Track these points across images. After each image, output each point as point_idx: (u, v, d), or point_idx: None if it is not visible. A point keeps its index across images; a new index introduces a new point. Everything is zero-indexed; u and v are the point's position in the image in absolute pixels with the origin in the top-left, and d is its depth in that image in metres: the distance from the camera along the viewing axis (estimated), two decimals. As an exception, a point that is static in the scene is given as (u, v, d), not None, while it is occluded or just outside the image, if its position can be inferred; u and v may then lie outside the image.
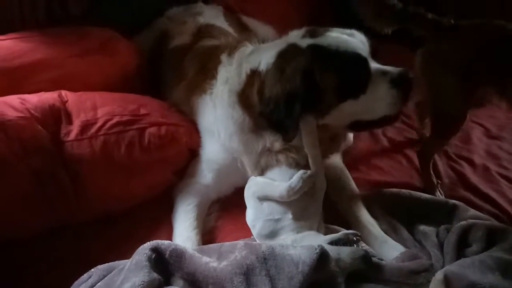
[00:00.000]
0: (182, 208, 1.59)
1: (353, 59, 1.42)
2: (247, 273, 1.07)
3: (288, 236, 1.32)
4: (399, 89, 1.43)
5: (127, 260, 1.18)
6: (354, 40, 1.45)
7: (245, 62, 1.58)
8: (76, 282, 1.23)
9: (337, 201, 1.67)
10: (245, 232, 1.48)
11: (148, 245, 1.15)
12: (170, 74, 1.97)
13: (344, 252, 1.21)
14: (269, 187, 1.43)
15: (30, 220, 1.44)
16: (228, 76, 1.60)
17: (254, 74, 1.52)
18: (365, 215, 1.58)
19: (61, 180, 1.46)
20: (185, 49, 1.96)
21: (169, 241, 1.18)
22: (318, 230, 1.43)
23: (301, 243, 1.23)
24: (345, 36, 1.45)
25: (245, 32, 2.24)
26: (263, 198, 1.42)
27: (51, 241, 1.48)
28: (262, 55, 1.54)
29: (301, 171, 1.38)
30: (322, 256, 1.15)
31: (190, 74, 1.81)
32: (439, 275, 1.25)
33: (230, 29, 2.16)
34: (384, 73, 1.44)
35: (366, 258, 1.21)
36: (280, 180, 1.44)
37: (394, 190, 1.71)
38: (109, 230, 1.56)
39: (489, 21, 1.62)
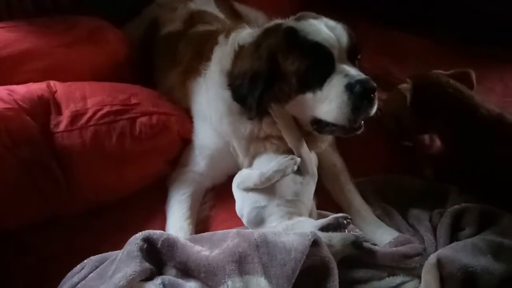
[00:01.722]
0: (175, 198, 1.58)
1: (317, 50, 1.35)
2: (240, 261, 1.06)
3: (279, 223, 1.32)
4: (351, 96, 1.32)
5: (119, 251, 1.17)
6: (328, 33, 1.38)
7: (237, 39, 1.55)
8: (69, 274, 1.23)
9: (330, 188, 1.68)
10: (239, 221, 1.48)
11: (140, 235, 1.14)
12: (162, 61, 1.95)
13: (335, 238, 1.21)
14: (247, 176, 1.44)
15: (22, 211, 1.43)
16: (222, 56, 1.58)
17: (241, 50, 1.50)
18: (358, 201, 1.59)
19: (52, 171, 1.45)
20: (178, 35, 1.94)
21: (161, 231, 1.17)
22: (310, 216, 1.44)
23: (292, 230, 1.23)
24: (321, 26, 1.39)
25: (237, 18, 2.21)
26: (246, 188, 1.42)
27: (44, 232, 1.48)
28: (253, 32, 1.52)
29: (279, 158, 1.37)
30: (315, 243, 1.15)
31: (186, 59, 1.79)
32: (432, 259, 1.26)
33: (221, 15, 2.13)
34: (346, 75, 1.35)
35: (356, 243, 1.21)
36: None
37: (388, 175, 1.71)
38: (103, 221, 1.56)
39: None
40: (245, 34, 1.56)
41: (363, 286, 1.28)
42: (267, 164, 1.45)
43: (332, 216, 1.29)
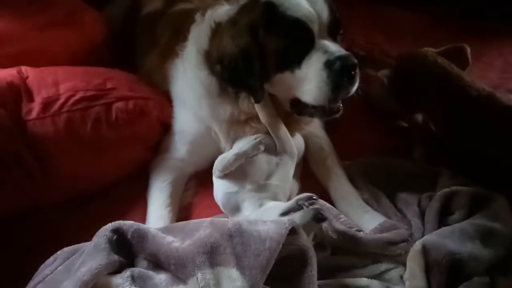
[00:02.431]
0: (156, 185, 1.53)
1: (296, 26, 1.28)
2: (211, 252, 1.02)
3: (252, 212, 1.27)
4: (331, 74, 1.25)
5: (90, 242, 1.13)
6: (308, 8, 1.30)
7: (214, 17, 1.47)
8: (42, 266, 1.19)
9: (316, 172, 1.62)
10: (221, 208, 1.44)
11: (109, 226, 1.10)
12: (142, 42, 1.89)
13: (296, 218, 1.14)
14: (216, 162, 1.38)
15: (-4, 202, 1.39)
16: (198, 35, 1.51)
17: (218, 28, 1.43)
18: (345, 186, 1.53)
19: (25, 160, 1.40)
20: (157, 15, 1.86)
21: (132, 222, 1.12)
22: (291, 199, 1.39)
23: (262, 218, 1.17)
24: (301, 0, 1.31)
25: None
26: (220, 174, 1.37)
27: (22, 224, 1.44)
28: (230, 9, 1.45)
29: (242, 139, 1.32)
30: (293, 231, 1.10)
31: (164, 40, 1.72)
32: (417, 246, 1.21)
33: (205, -7, 2.04)
34: (325, 51, 1.28)
35: (316, 216, 1.13)
36: None
37: (376, 158, 1.65)
38: (83, 210, 1.52)
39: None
40: (222, 11, 1.48)
41: (345, 274, 1.23)
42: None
43: (294, 200, 1.22)
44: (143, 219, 1.49)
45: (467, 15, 2.64)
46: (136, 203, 1.56)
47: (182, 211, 1.54)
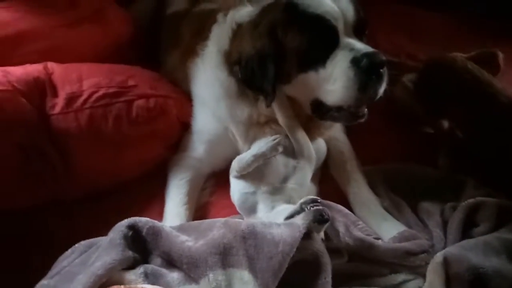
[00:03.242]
0: (174, 183, 1.54)
1: (319, 24, 1.24)
2: (224, 253, 1.01)
3: (264, 215, 1.26)
4: (358, 72, 1.21)
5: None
6: (332, 5, 1.26)
7: (235, 18, 1.47)
8: (60, 257, 1.21)
9: (336, 177, 1.59)
10: (238, 207, 1.43)
11: (125, 222, 1.11)
12: (167, 41, 1.91)
13: (297, 221, 1.12)
14: (238, 160, 1.37)
15: (18, 194, 1.42)
16: (220, 35, 1.50)
17: (239, 29, 1.42)
18: (364, 192, 1.49)
19: (48, 154, 1.43)
20: (182, 14, 1.88)
21: (147, 219, 1.13)
22: None
23: (274, 220, 1.16)
24: None
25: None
26: (237, 175, 1.36)
27: (42, 216, 1.47)
28: (252, 11, 1.44)
29: (260, 140, 1.30)
30: (307, 235, 1.08)
31: (186, 39, 1.73)
32: (438, 257, 1.16)
33: (230, -7, 2.04)
34: (352, 49, 1.23)
35: (316, 217, 1.10)
36: None
37: (399, 164, 1.60)
38: (101, 206, 1.53)
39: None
40: (244, 12, 1.48)
41: (361, 282, 1.20)
42: None
43: (299, 203, 1.19)
44: (160, 216, 1.50)
45: (494, 15, 2.53)
46: (154, 200, 1.57)
47: (199, 210, 1.54)
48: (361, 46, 1.25)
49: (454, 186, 1.47)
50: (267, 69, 1.28)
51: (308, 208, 1.14)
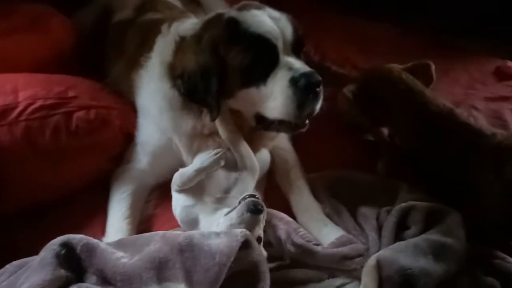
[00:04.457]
0: (116, 197, 1.51)
1: (261, 43, 1.28)
2: (159, 267, 1.00)
3: (205, 221, 1.27)
4: (296, 91, 1.26)
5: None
6: (271, 25, 1.31)
7: (179, 30, 1.47)
8: (-10, 279, 1.16)
9: (280, 184, 1.62)
10: (184, 219, 1.43)
11: (58, 240, 1.08)
12: (111, 51, 1.87)
13: (233, 216, 1.16)
14: (175, 176, 1.38)
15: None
16: (163, 47, 1.50)
17: (182, 42, 1.42)
18: (307, 199, 1.53)
19: (-19, 168, 1.36)
20: (127, 23, 1.85)
21: (82, 235, 1.11)
22: None
23: (214, 224, 1.18)
24: (264, 17, 1.32)
25: (195, 7, 2.12)
26: (178, 189, 1.36)
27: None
28: (195, 23, 1.45)
29: (202, 154, 1.32)
30: (246, 245, 1.10)
31: (130, 49, 1.70)
32: (371, 261, 1.22)
33: (177, 3, 2.03)
34: (290, 68, 1.29)
35: (250, 208, 1.15)
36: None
37: (341, 171, 1.66)
38: (42, 221, 1.48)
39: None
40: (187, 24, 1.49)
41: (300, 287, 1.23)
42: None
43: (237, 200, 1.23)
44: (103, 231, 1.47)
45: (440, 29, 2.70)
46: (98, 214, 1.53)
47: (144, 223, 1.52)
48: (299, 66, 1.31)
49: (390, 191, 1.55)
50: (210, 84, 1.31)
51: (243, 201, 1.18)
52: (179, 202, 1.34)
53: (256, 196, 1.22)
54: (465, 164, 1.48)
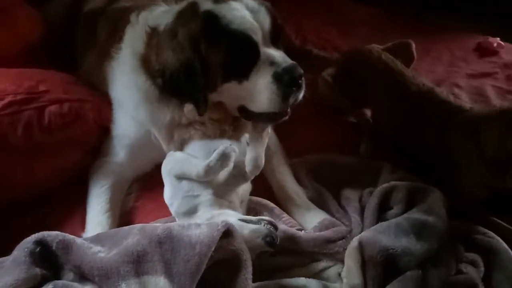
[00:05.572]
0: (94, 191, 1.48)
1: (241, 40, 1.27)
2: (137, 261, 0.98)
3: (205, 212, 1.24)
4: (280, 86, 1.27)
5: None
6: (251, 20, 1.29)
7: (148, 20, 1.43)
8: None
9: (263, 171, 1.60)
10: (166, 211, 1.39)
11: (32, 238, 1.05)
12: (83, 41, 1.81)
13: (246, 229, 1.13)
14: (187, 164, 1.32)
15: None
16: (133, 38, 1.45)
17: (153, 33, 1.38)
18: (289, 184, 1.53)
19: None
20: (98, 12, 1.78)
21: (58, 232, 1.08)
22: (242, 204, 1.37)
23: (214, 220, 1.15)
24: (244, 12, 1.29)
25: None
26: (181, 176, 1.32)
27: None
28: (165, 13, 1.41)
29: (222, 147, 1.27)
30: (227, 233, 1.08)
31: (101, 39, 1.65)
32: (354, 242, 1.21)
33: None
34: (272, 63, 1.29)
35: (267, 238, 1.12)
36: (202, 154, 1.35)
37: (323, 155, 1.65)
38: (21, 219, 1.45)
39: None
40: (157, 14, 1.44)
41: (284, 274, 1.22)
42: (202, 150, 1.36)
43: (258, 218, 1.20)
44: (83, 226, 1.45)
45: (419, 9, 2.69)
46: (77, 210, 1.50)
47: (125, 216, 1.49)
48: (280, 59, 1.30)
49: (373, 172, 1.54)
50: (196, 80, 1.29)
51: (264, 225, 1.16)
52: (180, 191, 1.29)
53: (274, 224, 1.19)
54: (445, 141, 1.48)
